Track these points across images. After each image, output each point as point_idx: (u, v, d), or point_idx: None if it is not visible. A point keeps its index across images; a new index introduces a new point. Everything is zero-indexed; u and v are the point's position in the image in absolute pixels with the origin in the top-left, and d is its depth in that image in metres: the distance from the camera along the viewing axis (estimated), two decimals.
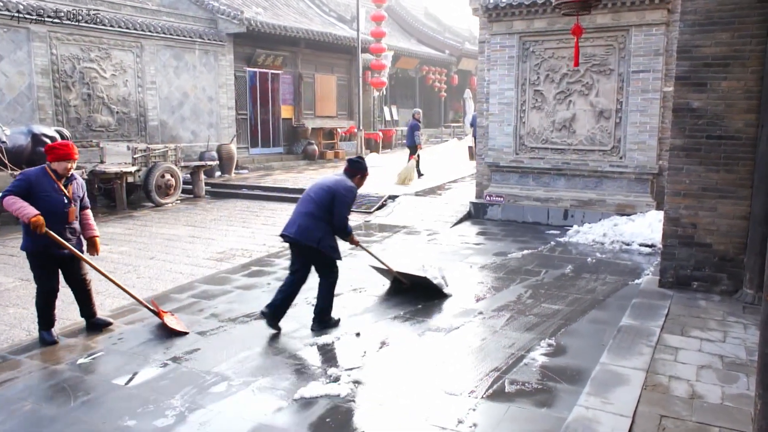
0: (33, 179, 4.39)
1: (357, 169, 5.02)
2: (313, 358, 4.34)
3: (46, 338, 4.59)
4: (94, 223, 4.88)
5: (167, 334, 4.75)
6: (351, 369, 4.10)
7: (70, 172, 4.57)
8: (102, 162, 11.02)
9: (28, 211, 4.25)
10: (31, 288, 6.16)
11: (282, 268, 6.86)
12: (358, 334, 4.77)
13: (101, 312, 5.32)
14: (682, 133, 5.41)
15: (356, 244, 5.22)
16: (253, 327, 4.93)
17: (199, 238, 8.68)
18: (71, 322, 5.12)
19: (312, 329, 4.88)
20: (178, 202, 11.91)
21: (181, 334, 4.74)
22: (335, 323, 4.99)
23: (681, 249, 5.51)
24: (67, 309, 5.51)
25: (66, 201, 4.51)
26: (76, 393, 3.76)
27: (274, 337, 4.71)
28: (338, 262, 4.92)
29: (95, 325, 4.86)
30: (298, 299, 5.62)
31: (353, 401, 3.66)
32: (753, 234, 5.07)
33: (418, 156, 13.77)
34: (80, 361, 4.25)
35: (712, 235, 5.38)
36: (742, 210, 5.23)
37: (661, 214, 6.75)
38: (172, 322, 4.87)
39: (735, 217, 5.27)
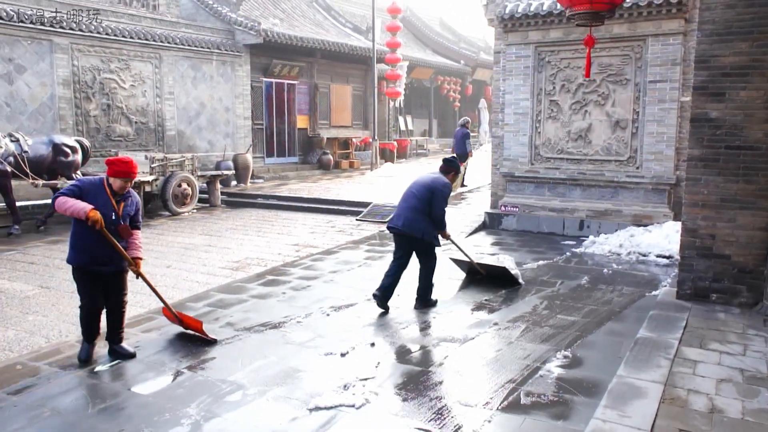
0: (86, 187, 4.21)
1: (450, 167, 5.75)
2: (327, 367, 4.35)
3: (82, 356, 4.39)
4: (141, 244, 4.56)
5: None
6: (366, 379, 4.10)
7: (127, 190, 4.36)
8: None
9: (83, 205, 4.04)
10: (51, 295, 6.27)
11: (297, 277, 6.89)
12: (372, 344, 4.77)
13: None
14: (700, 143, 5.36)
15: (447, 237, 5.92)
16: (269, 336, 4.95)
17: (215, 247, 8.74)
18: None
19: (415, 307, 5.71)
20: (195, 211, 12.02)
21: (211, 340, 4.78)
22: (434, 303, 5.78)
23: (699, 260, 5.44)
24: None
25: (114, 218, 4.26)
26: (93, 400, 3.80)
27: (289, 346, 4.72)
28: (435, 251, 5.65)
29: (117, 353, 4.50)
30: (314, 309, 5.65)
31: (368, 411, 3.65)
32: None
33: (467, 165, 13.71)
34: (98, 368, 4.29)
35: (731, 246, 5.31)
36: (761, 221, 5.16)
37: (678, 225, 6.68)
38: (197, 328, 4.86)
39: (755, 228, 5.20)
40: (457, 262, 6.95)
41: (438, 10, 33.13)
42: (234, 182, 14.86)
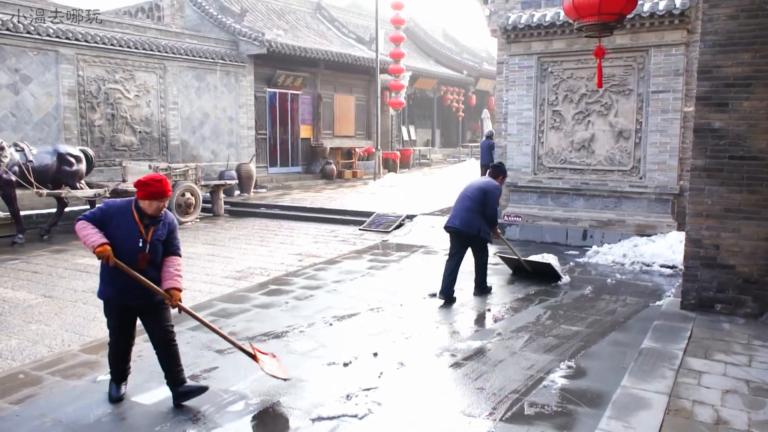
0: (110, 212, 3.78)
1: (499, 172, 6.52)
2: (330, 377, 4.33)
3: (112, 393, 3.96)
4: (179, 273, 3.94)
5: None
6: (368, 389, 4.08)
7: (162, 212, 3.88)
8: (124, 181, 11.22)
9: (94, 239, 3.63)
10: (54, 305, 6.27)
11: (299, 287, 6.88)
12: (375, 354, 4.75)
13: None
14: (704, 153, 5.36)
15: (498, 235, 6.74)
16: (271, 346, 4.94)
17: (218, 257, 8.75)
18: (91, 339, 5.18)
19: (474, 294, 6.48)
20: (198, 220, 12.04)
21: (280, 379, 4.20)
22: (489, 289, 6.58)
23: (703, 270, 5.42)
24: (87, 326, 5.58)
25: (141, 244, 3.76)
26: (95, 410, 3.79)
27: (292, 356, 4.71)
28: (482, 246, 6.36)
29: (184, 395, 3.87)
30: (317, 319, 5.63)
31: (371, 422, 3.63)
32: None
33: None
34: (100, 378, 4.28)
35: (736, 256, 5.29)
36: (766, 231, 5.15)
37: (682, 235, 6.66)
38: (271, 366, 4.18)
39: (759, 238, 5.19)
40: (505, 259, 7.59)
41: (441, 20, 33.47)
42: (237, 192, 14.90)
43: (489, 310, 5.99)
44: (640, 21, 8.53)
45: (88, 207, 10.93)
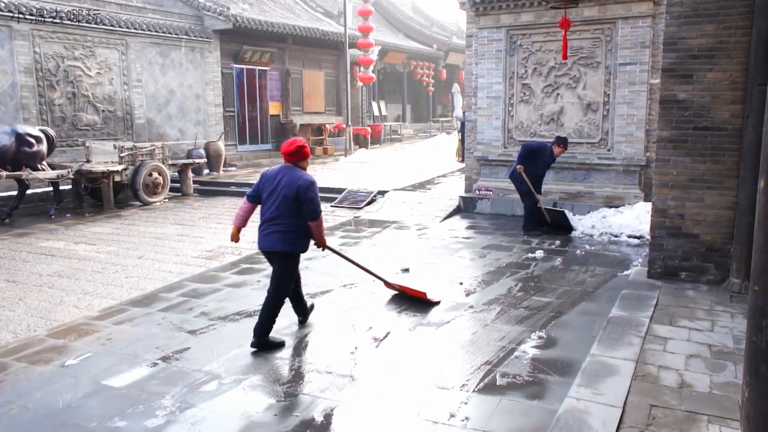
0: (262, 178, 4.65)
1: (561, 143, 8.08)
2: (304, 353, 4.33)
3: (276, 340, 4.48)
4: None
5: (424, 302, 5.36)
6: (343, 364, 4.09)
7: None
8: (88, 161, 10.92)
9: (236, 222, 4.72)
10: (18, 290, 6.11)
11: None
12: (351, 328, 4.76)
13: (88, 312, 5.31)
14: (669, 124, 5.44)
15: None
16: (244, 325, 4.91)
17: (188, 237, 8.62)
18: (58, 323, 5.07)
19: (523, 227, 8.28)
20: (166, 200, 11.82)
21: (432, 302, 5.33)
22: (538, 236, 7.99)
23: (669, 240, 5.55)
24: (53, 310, 5.47)
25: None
26: (64, 395, 3.72)
27: None
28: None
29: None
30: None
31: (345, 396, 3.65)
32: (739, 224, 5.11)
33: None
34: (68, 362, 4.21)
35: (700, 225, 5.42)
36: (728, 200, 5.27)
37: (649, 206, 6.79)
38: (422, 294, 5.41)
39: (721, 207, 5.31)
40: (543, 210, 8.41)
41: None
42: (206, 170, 14.64)
43: (461, 283, 6.04)
44: None
45: (51, 189, 10.63)
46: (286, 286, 4.47)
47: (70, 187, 11.14)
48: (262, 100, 17.84)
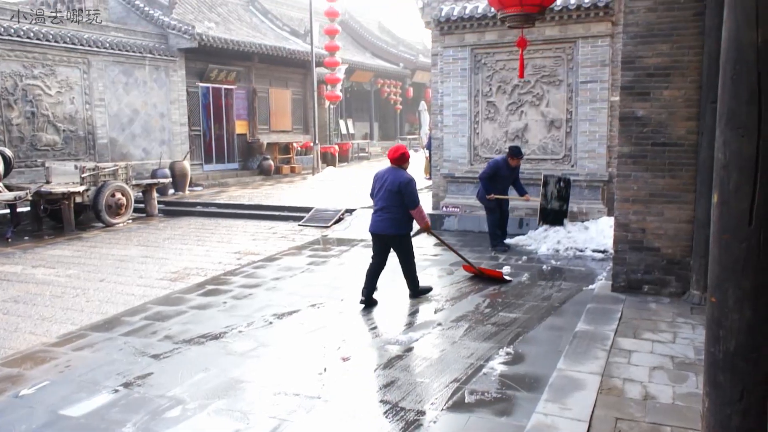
0: None
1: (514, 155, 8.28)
2: (270, 376, 4.25)
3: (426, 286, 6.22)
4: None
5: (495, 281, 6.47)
6: (311, 386, 4.03)
7: None
8: (48, 182, 10.64)
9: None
10: None
11: (238, 285, 6.73)
12: (321, 348, 4.70)
13: (46, 338, 5.13)
14: (629, 141, 5.57)
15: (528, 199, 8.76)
16: (209, 348, 4.80)
17: (152, 258, 8.44)
18: (13, 351, 4.88)
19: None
20: (130, 221, 11.57)
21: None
22: (504, 251, 8.28)
23: (631, 254, 5.65)
24: (8, 338, 5.26)
25: None
26: (18, 427, 3.57)
27: (231, 357, 4.59)
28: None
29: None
30: (256, 318, 5.52)
31: (313, 418, 3.59)
32: (697, 237, 5.25)
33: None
34: (23, 392, 4.04)
35: (660, 239, 5.54)
36: (686, 214, 5.41)
37: (612, 220, 6.93)
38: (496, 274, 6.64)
39: (681, 221, 5.45)
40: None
41: (376, 13, 33.24)
42: (171, 190, 14.40)
43: (429, 300, 6.04)
44: (567, 13, 8.79)
45: (8, 211, 10.30)
46: (411, 255, 5.91)
47: (29, 209, 10.81)
48: (228, 118, 17.71)
